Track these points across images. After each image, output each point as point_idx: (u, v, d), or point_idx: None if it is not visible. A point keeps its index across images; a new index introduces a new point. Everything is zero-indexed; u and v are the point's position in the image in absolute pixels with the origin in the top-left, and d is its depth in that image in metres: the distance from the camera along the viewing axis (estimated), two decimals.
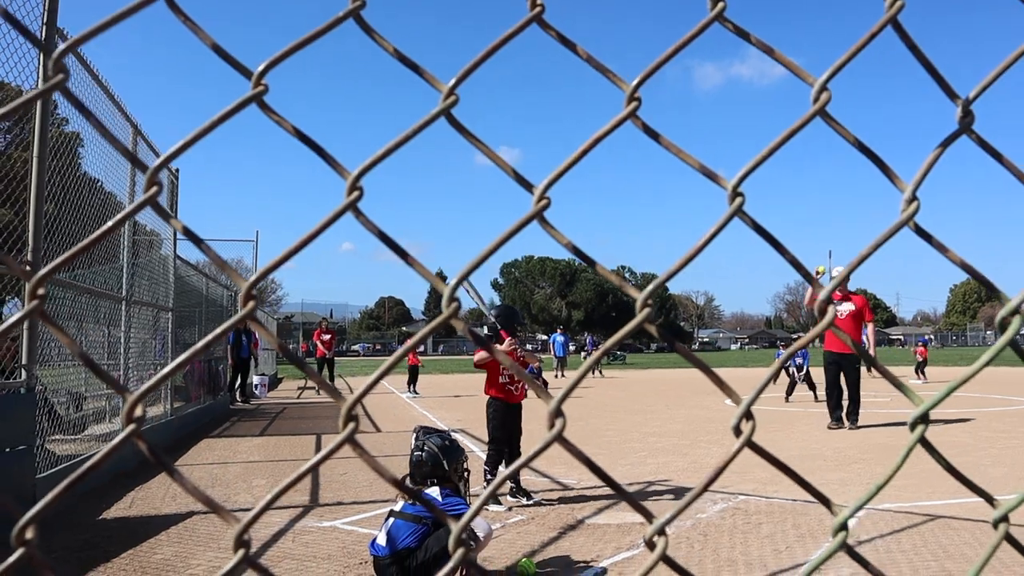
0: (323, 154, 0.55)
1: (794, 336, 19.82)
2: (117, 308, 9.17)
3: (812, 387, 16.24)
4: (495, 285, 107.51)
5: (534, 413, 6.60)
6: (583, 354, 33.22)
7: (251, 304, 0.48)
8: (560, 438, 0.56)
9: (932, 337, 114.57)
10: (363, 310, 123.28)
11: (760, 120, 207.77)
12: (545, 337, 39.72)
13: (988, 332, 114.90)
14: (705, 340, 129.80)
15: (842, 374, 11.40)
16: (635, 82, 0.59)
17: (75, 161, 7.83)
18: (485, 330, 6.90)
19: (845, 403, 11.39)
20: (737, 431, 0.62)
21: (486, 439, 6.73)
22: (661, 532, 0.59)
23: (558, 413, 0.56)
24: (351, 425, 0.50)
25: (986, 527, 5.37)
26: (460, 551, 0.55)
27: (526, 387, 6.74)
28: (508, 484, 6.53)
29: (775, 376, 0.64)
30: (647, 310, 0.59)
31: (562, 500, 6.54)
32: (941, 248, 0.66)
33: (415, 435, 4.62)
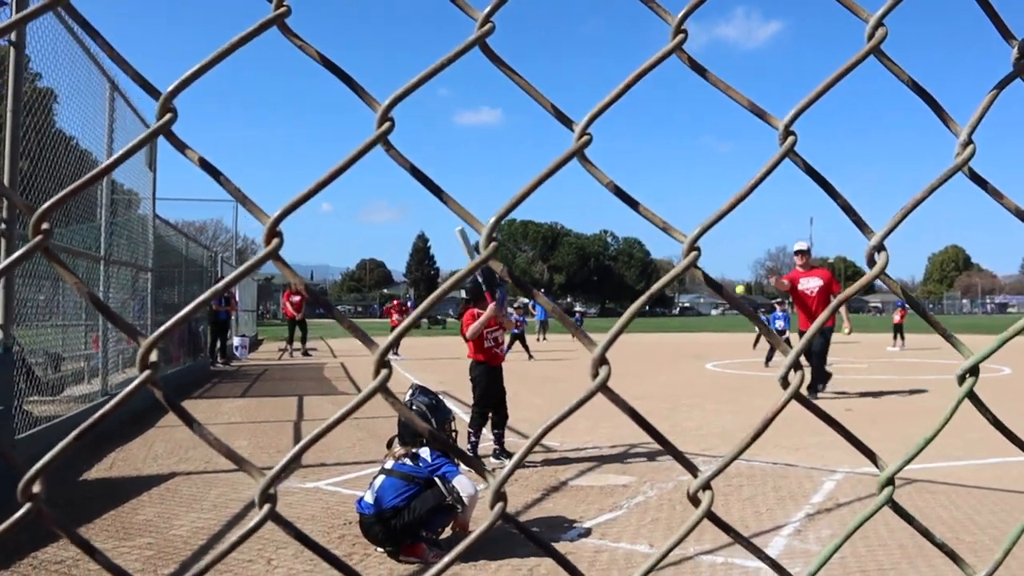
0: (351, 83, 0.51)
1: (775, 302, 19.90)
2: (95, 268, 9.04)
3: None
4: (477, 249, 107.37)
5: (513, 375, 6.61)
6: (575, 319, 33.24)
7: (275, 241, 0.45)
8: (604, 387, 0.53)
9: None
10: (344, 272, 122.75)
11: (746, 84, 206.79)
12: (527, 300, 39.73)
13: (964, 300, 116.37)
14: (686, 305, 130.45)
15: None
16: (681, 14, 0.56)
17: (49, 118, 7.66)
18: (464, 293, 6.84)
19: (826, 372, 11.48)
20: (784, 382, 0.60)
21: (470, 402, 6.73)
22: (706, 487, 0.57)
23: (602, 361, 0.53)
24: (384, 372, 0.48)
25: (962, 491, 5.47)
26: (497, 508, 0.53)
27: (505, 349, 6.73)
28: (492, 445, 6.56)
29: (808, 345, 0.61)
30: (694, 253, 0.56)
31: (546, 462, 6.57)
32: (996, 195, 0.63)
33: (410, 393, 4.60)
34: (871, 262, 0.62)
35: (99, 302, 0.52)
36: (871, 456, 0.67)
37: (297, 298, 20.92)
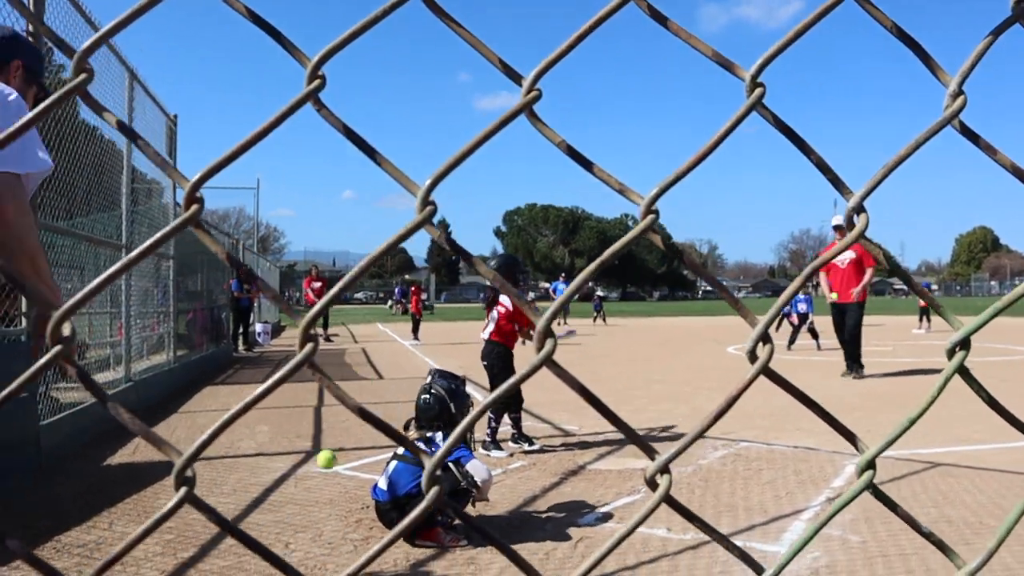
0: (281, 40, 0.48)
1: None
2: (117, 256, 9.11)
3: (815, 336, 16.23)
4: (498, 233, 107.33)
5: (529, 360, 6.57)
6: (593, 303, 33.14)
7: (194, 208, 0.42)
8: (550, 361, 0.50)
9: (936, 285, 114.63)
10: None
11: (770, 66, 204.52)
12: (547, 285, 39.65)
13: (992, 282, 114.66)
14: (708, 289, 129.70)
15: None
16: None
17: (74, 108, 7.70)
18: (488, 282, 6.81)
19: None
20: (752, 356, 0.56)
21: (486, 386, 6.71)
22: (664, 471, 0.54)
23: (548, 333, 0.50)
24: (309, 345, 0.45)
25: (985, 474, 5.38)
26: (434, 489, 0.50)
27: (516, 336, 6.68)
28: (510, 430, 6.54)
29: (779, 313, 0.57)
30: (652, 215, 0.52)
31: (564, 446, 6.55)
32: (989, 150, 0.59)
33: (430, 377, 4.58)
34: (851, 224, 0.58)
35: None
36: (851, 438, 0.63)
37: (319, 284, 20.99)
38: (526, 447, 6.40)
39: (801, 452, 6.16)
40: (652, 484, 0.55)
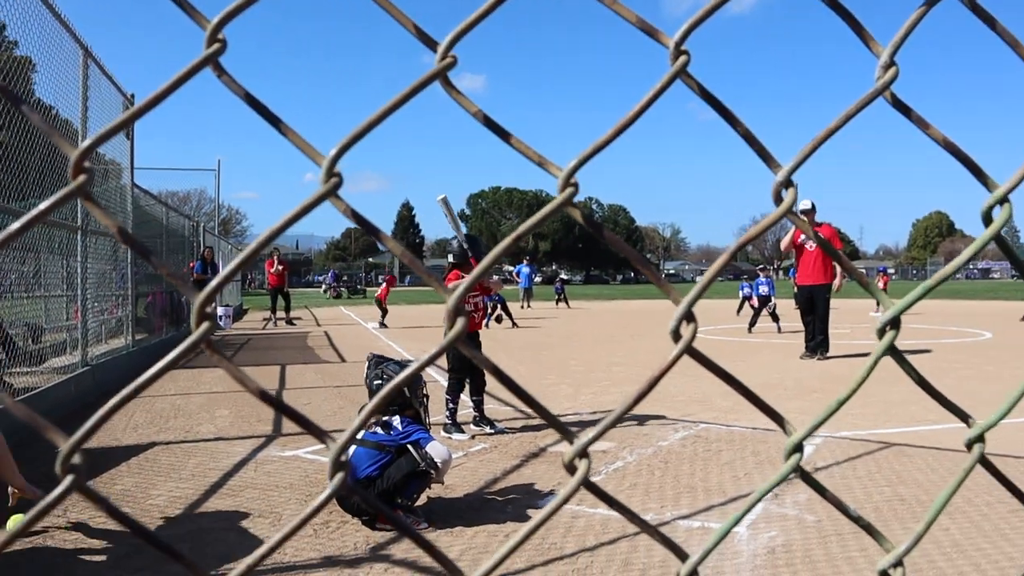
0: (182, 3, 0.45)
1: (758, 268, 19.91)
2: (73, 238, 8.91)
3: (776, 320, 16.42)
4: (462, 216, 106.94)
5: (496, 343, 6.57)
6: (555, 287, 33.18)
7: (81, 178, 0.40)
8: (457, 338, 0.48)
9: (893, 269, 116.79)
10: (329, 241, 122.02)
11: (736, 50, 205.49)
12: (511, 268, 39.64)
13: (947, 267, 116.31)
14: (671, 272, 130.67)
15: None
16: None
17: (29, 87, 7.48)
18: (450, 258, 6.78)
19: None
20: (676, 335, 0.54)
21: (447, 368, 6.68)
22: (583, 454, 0.52)
23: (457, 312, 0.48)
24: (204, 325, 0.42)
25: (938, 454, 5.49)
26: (339, 476, 0.48)
27: (485, 317, 6.67)
28: (472, 413, 6.53)
29: (703, 291, 0.56)
30: (570, 189, 0.51)
31: (525, 428, 6.56)
32: (922, 124, 0.58)
33: (368, 363, 4.56)
34: (778, 199, 0.56)
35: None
36: (779, 420, 0.62)
37: (280, 267, 20.68)
38: (487, 429, 6.40)
39: (760, 433, 6.23)
40: (571, 468, 0.53)
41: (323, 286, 58.82)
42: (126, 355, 10.50)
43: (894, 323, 0.59)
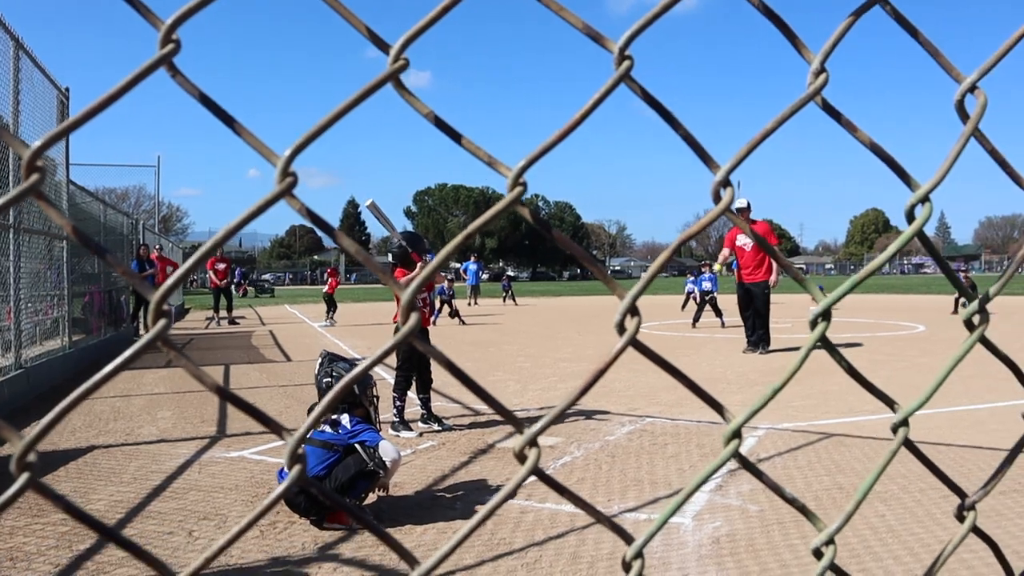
0: (135, 3, 0.45)
1: (702, 264, 20.36)
2: (5, 236, 8.62)
3: (719, 313, 16.70)
4: (408, 213, 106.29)
5: (444, 340, 6.56)
6: (502, 283, 33.24)
7: (35, 177, 0.39)
8: (411, 333, 0.50)
9: (832, 264, 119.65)
10: (273, 239, 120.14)
11: (681, 48, 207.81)
12: (458, 265, 39.55)
13: None
14: (617, 268, 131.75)
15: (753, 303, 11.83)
16: None
17: None
18: (390, 258, 6.74)
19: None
20: (621, 328, 0.56)
21: (395, 365, 6.66)
22: (533, 443, 0.54)
23: (411, 307, 0.49)
24: (161, 322, 0.43)
25: (875, 443, 5.67)
26: (296, 467, 0.49)
27: (433, 313, 6.67)
28: (420, 410, 6.52)
29: (646, 285, 0.58)
30: (519, 188, 0.52)
31: (473, 425, 6.58)
32: (850, 127, 0.61)
33: (320, 360, 4.52)
34: (716, 199, 0.59)
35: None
36: (718, 408, 0.65)
37: (222, 266, 20.35)
38: (435, 427, 6.39)
39: (704, 426, 6.35)
40: (521, 458, 0.55)
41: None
42: (62, 357, 10.21)
43: (825, 315, 0.62)
